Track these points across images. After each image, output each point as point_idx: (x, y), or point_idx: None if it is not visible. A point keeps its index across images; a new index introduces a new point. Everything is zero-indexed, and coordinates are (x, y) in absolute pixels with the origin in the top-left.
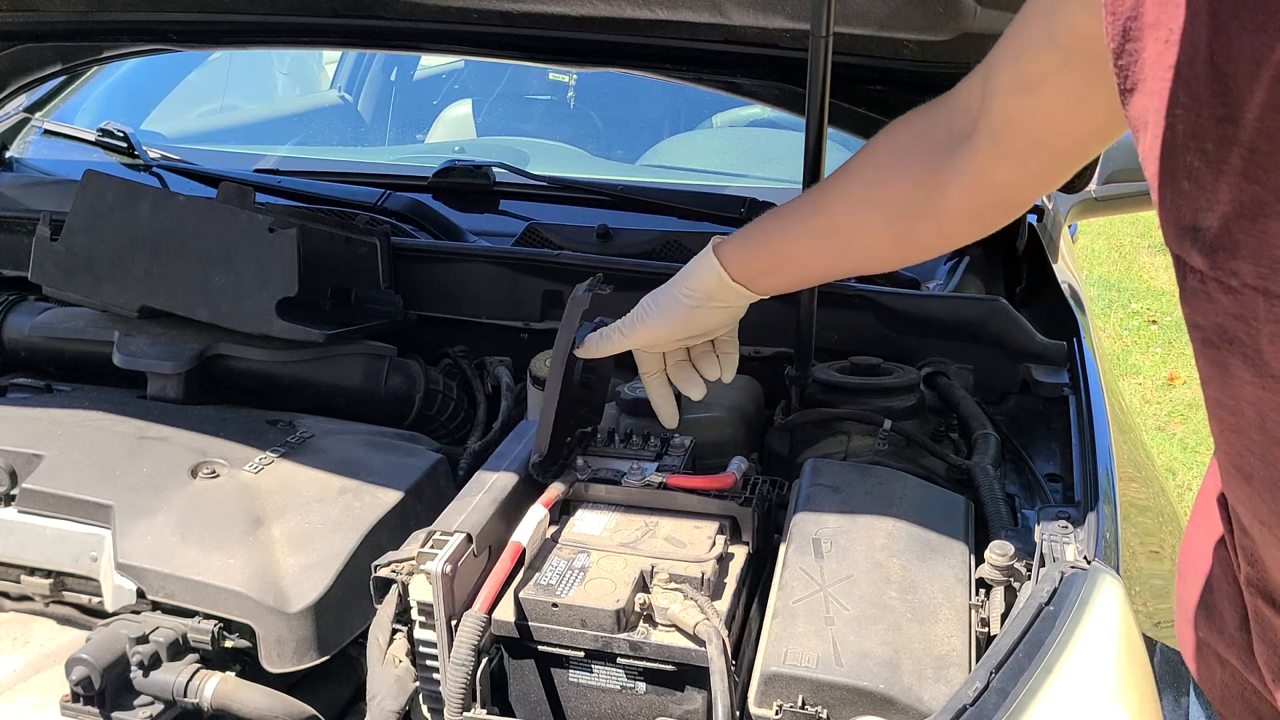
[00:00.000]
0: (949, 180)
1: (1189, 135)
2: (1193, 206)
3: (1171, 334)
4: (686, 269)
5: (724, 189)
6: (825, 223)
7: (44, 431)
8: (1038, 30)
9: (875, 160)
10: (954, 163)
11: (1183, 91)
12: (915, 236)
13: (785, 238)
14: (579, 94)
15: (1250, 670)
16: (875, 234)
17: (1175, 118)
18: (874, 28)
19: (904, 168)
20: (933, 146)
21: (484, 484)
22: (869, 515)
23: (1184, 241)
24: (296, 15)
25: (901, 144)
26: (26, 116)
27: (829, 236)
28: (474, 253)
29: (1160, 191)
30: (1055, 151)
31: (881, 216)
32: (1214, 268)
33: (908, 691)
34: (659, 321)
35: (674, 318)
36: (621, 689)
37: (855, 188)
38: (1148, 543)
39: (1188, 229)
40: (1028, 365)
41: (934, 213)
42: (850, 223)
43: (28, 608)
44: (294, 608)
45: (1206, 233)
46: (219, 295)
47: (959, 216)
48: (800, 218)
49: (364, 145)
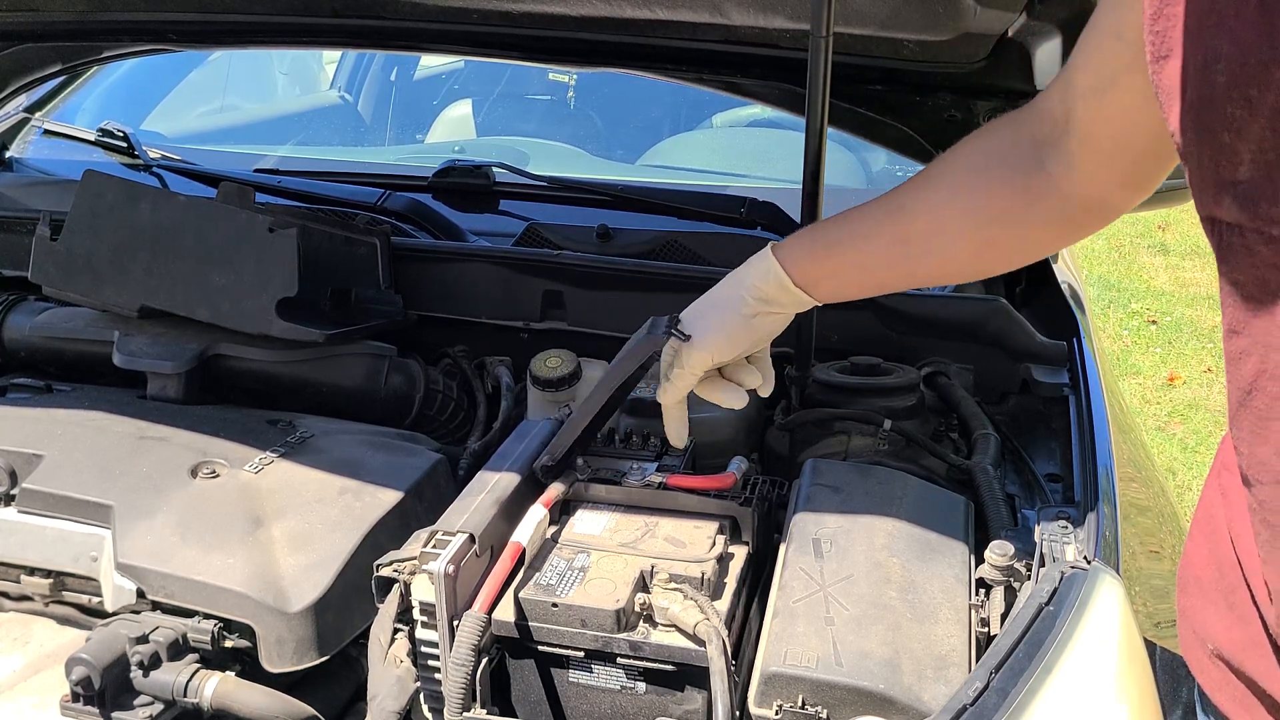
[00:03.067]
0: (1041, 186)
1: (1231, 85)
2: (1232, 160)
3: (1171, 334)
4: (738, 276)
5: (724, 189)
6: (902, 229)
7: (44, 431)
8: (1107, 28)
9: (962, 166)
10: (1045, 169)
11: (1228, 42)
12: (1003, 244)
13: (855, 242)
14: (579, 94)
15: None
16: (959, 241)
17: (1217, 71)
18: (874, 28)
19: (994, 174)
20: (1021, 154)
21: (486, 484)
22: (869, 515)
23: (1222, 198)
24: (296, 15)
25: (988, 151)
26: (26, 116)
27: (905, 243)
28: (474, 253)
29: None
30: (1137, 150)
31: (970, 223)
32: (1254, 219)
33: (908, 691)
34: (717, 338)
35: (732, 330)
36: (621, 689)
37: (940, 194)
38: (1148, 543)
39: (1226, 184)
40: (1028, 365)
41: (1026, 219)
42: (932, 229)
43: (28, 608)
44: (294, 608)
45: (1247, 184)
46: (219, 295)
47: (1051, 223)
48: (872, 223)
49: (364, 145)
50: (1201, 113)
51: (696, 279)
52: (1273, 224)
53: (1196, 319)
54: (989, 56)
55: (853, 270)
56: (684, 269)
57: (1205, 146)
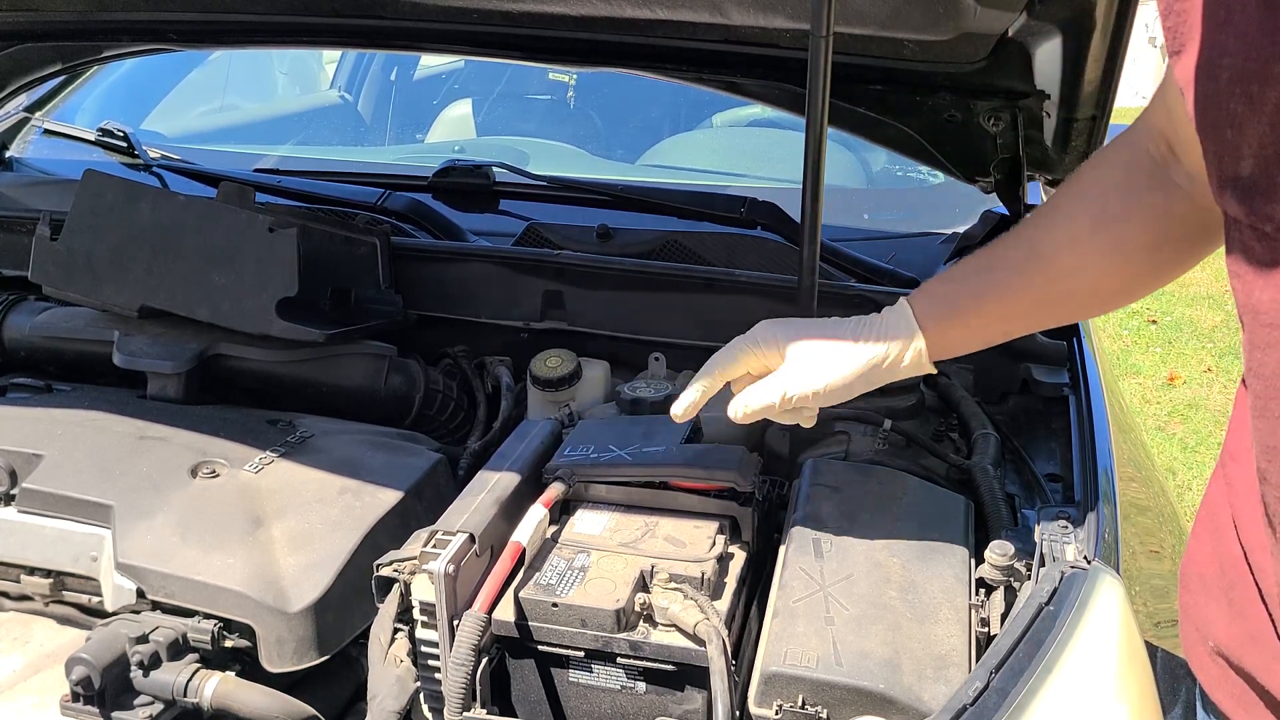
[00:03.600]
0: (1175, 202)
1: (1234, 81)
2: (1235, 155)
3: (1171, 334)
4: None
5: (724, 189)
6: (1046, 271)
7: (44, 431)
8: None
9: (1095, 196)
10: (1172, 184)
11: (1233, 39)
12: (1155, 267)
13: (998, 294)
14: (579, 94)
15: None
16: (1111, 273)
17: (1221, 67)
18: (874, 28)
19: (1132, 199)
20: (1148, 174)
21: (486, 484)
22: (869, 515)
23: (1225, 192)
24: (296, 15)
25: (1116, 179)
26: (26, 116)
27: (1050, 285)
28: (474, 253)
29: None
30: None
31: (1122, 254)
32: (1250, 214)
33: (908, 691)
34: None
35: (851, 385)
36: (621, 689)
37: (1080, 230)
38: (1148, 543)
39: (1229, 179)
40: (1028, 365)
41: (1169, 238)
42: (1079, 266)
43: (28, 608)
44: (294, 608)
45: (1245, 180)
46: (219, 295)
47: (1192, 238)
48: (1012, 271)
49: (364, 145)
50: (1207, 108)
51: (697, 279)
52: (1267, 220)
53: (1196, 319)
54: (989, 56)
55: (997, 323)
56: (684, 269)
57: (1210, 141)
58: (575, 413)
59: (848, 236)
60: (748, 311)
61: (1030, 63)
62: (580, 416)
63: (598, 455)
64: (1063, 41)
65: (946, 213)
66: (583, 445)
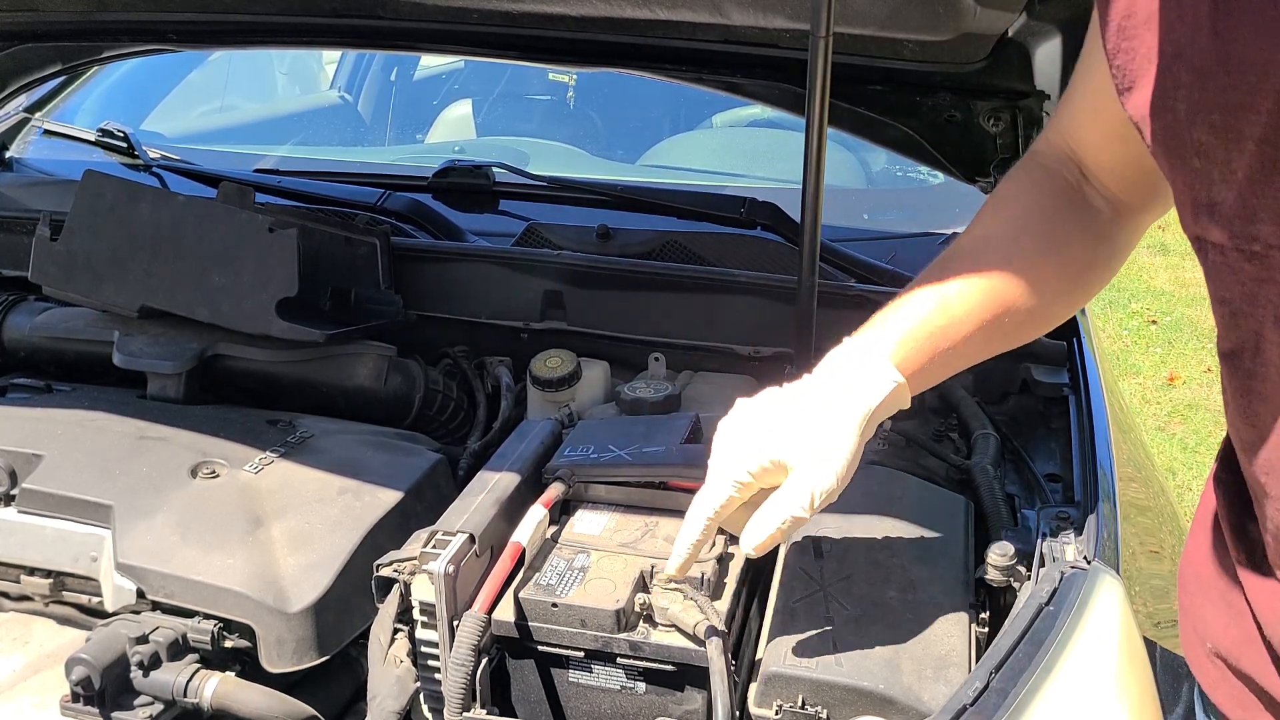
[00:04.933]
0: (1099, 219)
1: (1193, 112)
2: (1206, 181)
3: (1171, 334)
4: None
5: (724, 189)
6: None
7: (44, 431)
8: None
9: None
10: (1092, 203)
11: (1185, 70)
12: (1089, 284)
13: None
14: (579, 94)
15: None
16: (1060, 298)
17: (1177, 99)
18: (874, 28)
19: (1067, 224)
20: (1070, 197)
21: (486, 484)
22: (869, 515)
23: (1201, 219)
24: (296, 15)
25: (1046, 207)
26: (26, 116)
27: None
28: (474, 253)
29: (1173, 177)
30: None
31: (1067, 280)
32: (1234, 238)
33: (908, 691)
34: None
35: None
36: (621, 689)
37: (1028, 263)
38: (1148, 543)
39: (1204, 206)
40: (1028, 365)
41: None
42: (1027, 295)
43: (28, 608)
44: (294, 608)
45: (1223, 205)
46: (219, 295)
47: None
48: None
49: (364, 145)
50: (1169, 140)
51: (696, 279)
52: (1253, 241)
53: (1196, 319)
54: (989, 57)
55: (958, 361)
56: (684, 269)
57: (1179, 172)
58: (575, 413)
59: (848, 236)
60: (748, 311)
61: (1030, 63)
62: (580, 417)
63: (598, 455)
64: (1063, 41)
65: (946, 213)
66: (583, 445)
